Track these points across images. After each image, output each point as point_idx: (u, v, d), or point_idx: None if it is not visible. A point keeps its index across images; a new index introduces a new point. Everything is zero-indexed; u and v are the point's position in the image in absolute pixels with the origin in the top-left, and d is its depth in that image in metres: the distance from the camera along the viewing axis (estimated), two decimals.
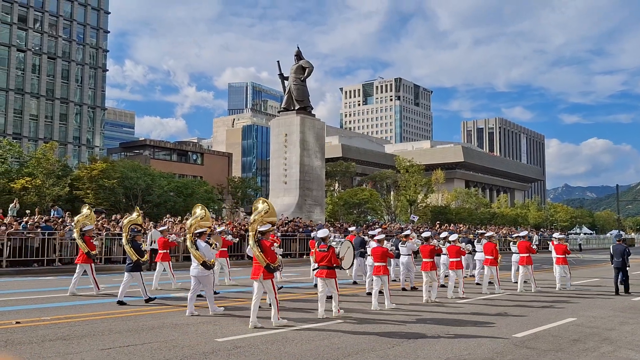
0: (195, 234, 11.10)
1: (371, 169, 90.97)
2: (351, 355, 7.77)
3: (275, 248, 10.10)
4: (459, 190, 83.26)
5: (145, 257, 12.77)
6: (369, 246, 14.85)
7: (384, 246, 12.54)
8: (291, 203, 38.02)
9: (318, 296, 10.94)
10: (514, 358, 7.78)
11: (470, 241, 18.61)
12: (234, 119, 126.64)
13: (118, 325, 9.65)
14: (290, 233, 29.06)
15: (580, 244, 52.11)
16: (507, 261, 19.00)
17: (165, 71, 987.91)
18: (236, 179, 72.53)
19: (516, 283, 17.17)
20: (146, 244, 13.85)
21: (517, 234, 18.93)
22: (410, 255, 15.81)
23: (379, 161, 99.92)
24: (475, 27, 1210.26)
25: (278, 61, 41.67)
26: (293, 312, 11.07)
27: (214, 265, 11.73)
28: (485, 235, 17.33)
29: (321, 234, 11.24)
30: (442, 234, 16.93)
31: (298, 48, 41.36)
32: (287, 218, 32.71)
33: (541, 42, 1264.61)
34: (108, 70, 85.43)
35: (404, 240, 16.00)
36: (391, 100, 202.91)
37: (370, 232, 16.58)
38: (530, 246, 16.39)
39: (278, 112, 45.33)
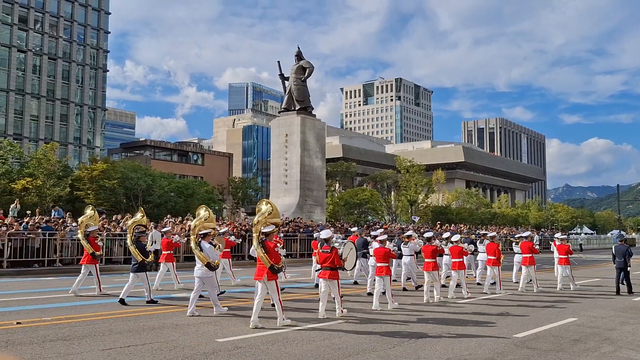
0: (199, 235, 11.14)
1: (372, 169, 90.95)
2: (352, 355, 7.76)
3: (278, 249, 10.12)
4: (460, 190, 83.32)
5: (150, 258, 12.80)
6: (372, 247, 14.87)
7: (387, 247, 12.57)
8: (292, 203, 38.03)
9: (320, 296, 10.93)
10: (515, 358, 7.77)
11: (472, 242, 18.60)
12: (235, 120, 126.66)
13: (119, 325, 9.66)
14: (290, 233, 29.06)
15: (581, 244, 52.11)
16: (509, 261, 18.99)
17: (165, 71, 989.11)
18: (237, 180, 72.57)
19: (516, 283, 17.19)
20: (150, 245, 13.88)
21: (520, 234, 18.89)
22: (412, 255, 15.85)
23: (380, 161, 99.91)
24: (475, 27, 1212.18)
25: (278, 61, 41.76)
26: (294, 312, 11.06)
27: (218, 266, 11.75)
28: (487, 235, 17.33)
29: (324, 235, 11.19)
30: (445, 235, 16.93)
31: (298, 48, 41.41)
32: (288, 218, 32.71)
33: (541, 42, 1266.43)
34: (108, 70, 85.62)
35: (407, 240, 16.06)
36: (392, 100, 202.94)
37: (372, 233, 16.58)
38: (533, 246, 16.37)
39: (278, 113, 45.36)
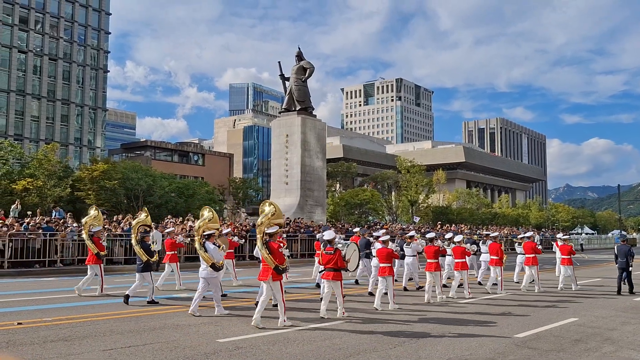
0: (203, 236, 11.17)
1: (372, 170, 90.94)
2: (352, 355, 7.76)
3: (282, 250, 10.14)
4: (460, 190, 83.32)
5: (154, 258, 12.83)
6: (374, 247, 14.88)
7: (389, 247, 12.58)
8: (292, 204, 38.02)
9: (322, 295, 10.93)
10: (516, 358, 7.77)
11: (474, 242, 18.60)
12: (235, 120, 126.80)
13: (120, 326, 9.66)
14: (291, 233, 29.06)
15: (581, 244, 52.06)
16: (512, 261, 18.96)
17: (166, 72, 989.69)
18: (237, 180, 72.62)
19: (517, 283, 17.20)
20: (154, 245, 13.89)
21: (523, 235, 18.87)
22: (415, 256, 15.87)
23: (380, 161, 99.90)
24: (476, 27, 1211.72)
25: (279, 62, 41.75)
26: (295, 312, 11.05)
27: (223, 266, 11.78)
28: (490, 235, 17.36)
29: (327, 236, 11.16)
30: (447, 235, 16.93)
31: (299, 49, 41.35)
32: (289, 219, 32.70)
33: (542, 42, 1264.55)
34: (109, 71, 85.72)
35: (409, 241, 16.08)
36: (392, 100, 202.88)
37: (374, 234, 16.59)
38: (535, 247, 16.36)
39: (279, 113, 45.35)
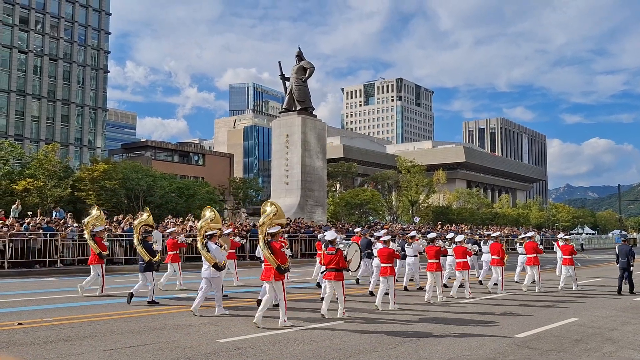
0: (205, 236, 11.19)
1: (373, 170, 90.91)
2: (353, 355, 7.76)
3: (284, 249, 10.16)
4: (461, 190, 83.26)
5: (157, 257, 12.84)
6: (375, 247, 14.90)
7: (390, 247, 12.59)
8: (293, 204, 38.02)
9: (323, 295, 10.93)
10: (516, 358, 7.77)
11: (475, 242, 18.62)
12: (236, 120, 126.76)
13: (120, 326, 9.66)
14: (292, 234, 29.06)
15: (582, 244, 52.07)
16: (512, 261, 18.96)
17: (166, 72, 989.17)
18: (238, 180, 72.63)
19: (518, 282, 17.22)
20: (157, 245, 13.90)
21: (524, 235, 18.87)
22: (416, 256, 15.88)
23: (381, 162, 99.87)
24: (476, 27, 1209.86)
25: (279, 62, 41.75)
26: (295, 312, 11.04)
27: (225, 266, 11.80)
28: (491, 235, 17.38)
29: (329, 237, 11.17)
30: (449, 235, 16.94)
31: (299, 49, 41.33)
32: (289, 219, 32.69)
33: (542, 42, 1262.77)
34: (109, 71, 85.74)
35: (410, 241, 16.09)
36: (392, 100, 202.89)
37: (376, 234, 16.60)
38: (537, 247, 16.35)
39: (279, 113, 45.37)
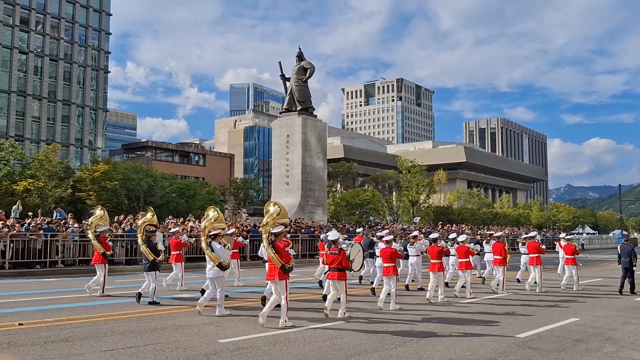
0: (209, 236, 11.19)
1: (373, 170, 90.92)
2: (353, 356, 7.76)
3: (288, 249, 10.19)
4: (461, 190, 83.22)
5: (160, 257, 12.86)
6: (377, 247, 14.91)
7: (393, 247, 12.61)
8: (293, 204, 38.02)
9: (325, 293, 10.93)
10: (517, 358, 7.76)
11: (477, 242, 18.63)
12: (236, 120, 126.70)
13: (121, 326, 9.66)
14: (292, 234, 29.04)
15: (582, 244, 52.00)
16: (514, 261, 18.95)
17: (167, 72, 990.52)
18: (238, 180, 72.64)
19: (519, 282, 17.25)
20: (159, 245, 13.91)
21: (527, 235, 18.87)
22: (418, 256, 15.90)
23: (381, 162, 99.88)
24: (476, 28, 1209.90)
25: (280, 62, 41.74)
26: (296, 312, 11.04)
27: (229, 266, 11.81)
28: (494, 235, 17.38)
29: (332, 237, 11.24)
30: (451, 235, 16.95)
31: (299, 49, 41.29)
32: (290, 219, 32.69)
33: (543, 42, 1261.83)
34: (110, 72, 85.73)
35: (412, 241, 16.10)
36: (393, 100, 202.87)
37: (378, 234, 16.64)
38: (539, 247, 16.34)
39: (280, 113, 45.36)
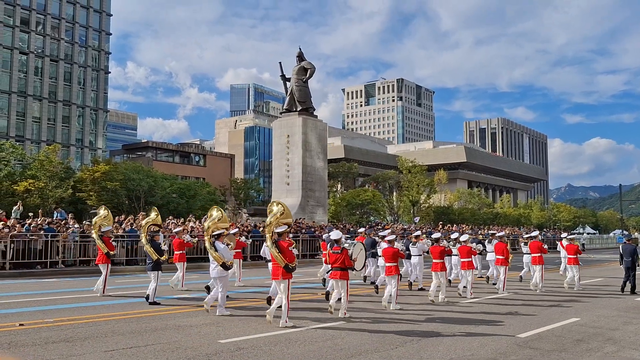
0: (213, 236, 11.21)
1: (373, 170, 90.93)
2: (354, 356, 7.75)
3: (292, 249, 10.21)
4: (462, 190, 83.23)
5: (164, 257, 12.88)
6: (380, 247, 14.91)
7: (395, 247, 12.61)
8: (294, 204, 38.00)
9: (328, 289, 10.95)
10: (517, 358, 7.76)
11: (480, 242, 18.62)
12: (236, 121, 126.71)
13: (121, 327, 9.66)
14: (293, 234, 29.05)
15: (583, 244, 51.97)
16: (516, 261, 18.96)
17: (167, 73, 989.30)
18: (239, 181, 72.74)
19: (521, 281, 17.31)
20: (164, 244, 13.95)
21: (529, 235, 18.87)
22: (420, 255, 15.89)
23: (382, 162, 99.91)
24: (477, 28, 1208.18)
25: (280, 62, 41.80)
26: (296, 312, 11.03)
27: (233, 265, 11.82)
28: (496, 235, 17.36)
29: (334, 236, 11.32)
30: (453, 235, 16.96)
31: (300, 49, 41.32)
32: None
33: (543, 42, 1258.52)
34: (110, 72, 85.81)
35: (415, 241, 16.11)
36: (393, 100, 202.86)
37: (380, 233, 16.68)
38: (542, 246, 16.34)
39: (280, 114, 45.37)
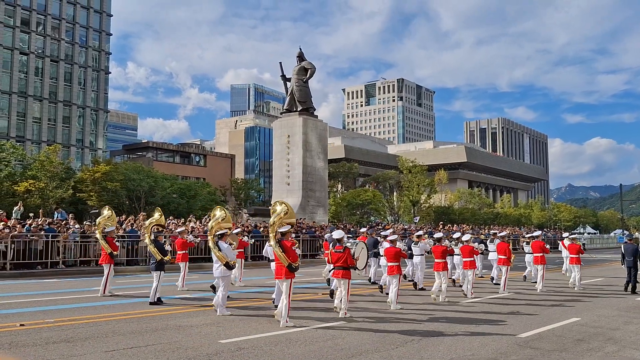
0: (216, 235, 11.23)
1: (374, 170, 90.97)
2: (354, 356, 7.75)
3: (295, 248, 10.26)
4: (462, 190, 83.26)
5: (167, 257, 12.89)
6: (382, 246, 14.93)
7: (397, 246, 12.64)
8: (294, 204, 37.95)
9: (333, 287, 11.00)
10: (518, 358, 7.75)
11: (481, 241, 18.60)
12: (237, 121, 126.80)
13: (122, 327, 9.67)
14: (293, 234, 29.06)
15: (584, 244, 51.95)
16: (518, 261, 18.97)
17: (167, 73, 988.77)
18: (239, 181, 72.76)
19: (525, 280, 17.35)
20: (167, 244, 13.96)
21: (531, 234, 18.88)
22: (422, 255, 15.91)
23: (382, 162, 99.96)
24: (477, 28, 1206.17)
25: (280, 63, 41.82)
26: (297, 312, 11.04)
27: (235, 265, 11.83)
28: (498, 235, 17.36)
29: (336, 235, 11.42)
30: (455, 235, 16.96)
31: (300, 49, 41.31)
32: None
33: (544, 42, 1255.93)
34: (110, 72, 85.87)
35: (417, 240, 16.12)
36: (394, 100, 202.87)
37: (382, 233, 16.69)
38: (544, 246, 16.35)
39: (280, 114, 45.39)
